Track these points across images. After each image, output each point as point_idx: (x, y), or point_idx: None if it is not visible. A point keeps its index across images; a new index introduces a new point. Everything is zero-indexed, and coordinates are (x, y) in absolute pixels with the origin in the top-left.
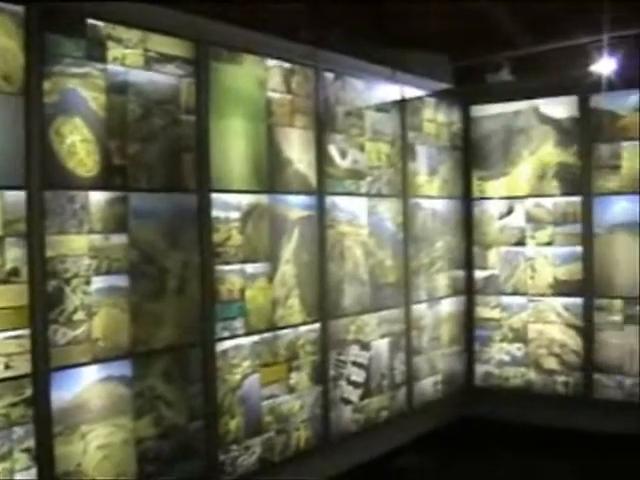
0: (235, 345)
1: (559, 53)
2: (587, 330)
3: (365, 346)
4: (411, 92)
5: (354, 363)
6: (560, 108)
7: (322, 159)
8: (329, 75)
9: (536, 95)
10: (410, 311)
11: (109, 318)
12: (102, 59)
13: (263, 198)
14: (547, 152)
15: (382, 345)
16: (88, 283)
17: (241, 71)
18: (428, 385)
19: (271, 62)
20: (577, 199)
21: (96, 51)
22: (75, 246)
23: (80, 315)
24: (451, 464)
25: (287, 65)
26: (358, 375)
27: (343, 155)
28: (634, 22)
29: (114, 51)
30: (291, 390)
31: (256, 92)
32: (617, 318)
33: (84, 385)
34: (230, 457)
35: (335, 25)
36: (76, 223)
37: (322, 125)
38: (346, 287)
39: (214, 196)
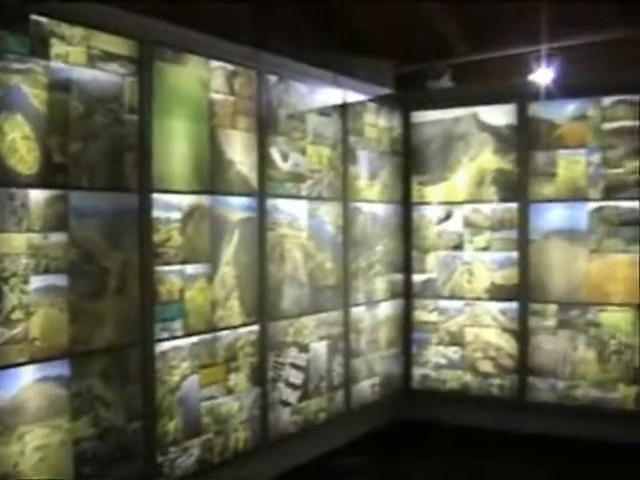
0: (174, 346)
1: (499, 62)
2: (522, 334)
3: (303, 348)
4: (353, 97)
5: (292, 365)
6: (499, 116)
7: (264, 161)
8: (272, 78)
9: (476, 102)
10: (349, 314)
11: (47, 318)
12: (45, 56)
13: (204, 199)
14: (485, 159)
15: (320, 347)
16: (26, 282)
17: (185, 71)
18: (366, 387)
19: (214, 63)
20: (514, 205)
21: (39, 48)
22: (14, 245)
23: (18, 314)
24: (388, 466)
25: (230, 67)
26: (296, 377)
27: (285, 158)
28: (571, 34)
29: (57, 48)
30: (230, 391)
31: (199, 93)
32: (551, 323)
33: (21, 385)
34: (168, 459)
35: (279, 28)
36: (15, 221)
37: (264, 127)
38: (285, 289)
39: (155, 196)
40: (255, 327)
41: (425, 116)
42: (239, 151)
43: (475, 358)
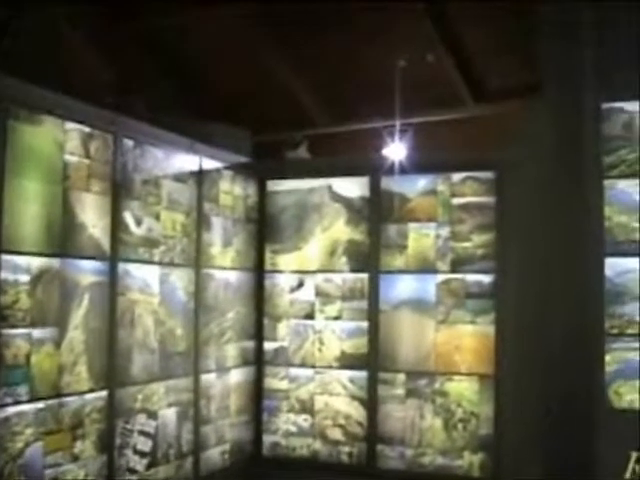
0: (18, 411)
1: (354, 135)
2: (371, 402)
3: (152, 415)
4: (209, 164)
5: (141, 432)
6: (352, 188)
7: (117, 225)
8: (129, 142)
9: (330, 174)
10: (199, 380)
11: None
12: None
13: (54, 262)
14: (338, 229)
15: (169, 414)
16: None
17: (39, 132)
18: (216, 454)
19: (70, 125)
20: (365, 276)
21: None
22: None
23: None
24: None
25: (87, 129)
26: (144, 444)
27: (138, 223)
28: (424, 111)
29: None
30: (75, 459)
31: (53, 154)
32: (399, 391)
33: None
34: None
35: (138, 92)
36: None
37: (119, 192)
38: (135, 355)
39: (4, 257)
40: (103, 393)
41: (281, 185)
42: (92, 214)
43: (325, 426)
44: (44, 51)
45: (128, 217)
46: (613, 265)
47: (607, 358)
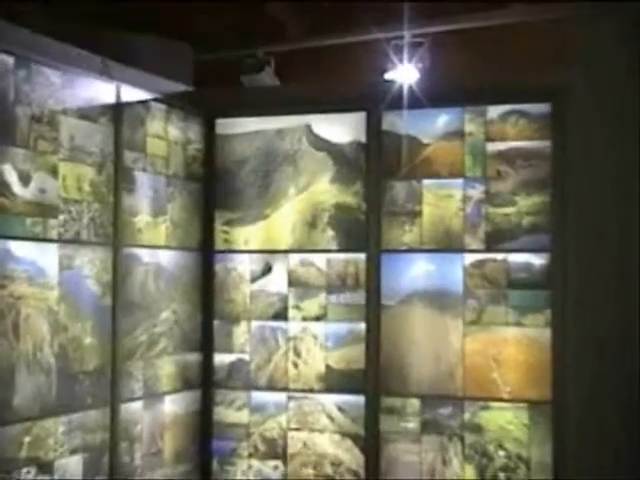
0: None
1: (343, 52)
2: (370, 441)
3: (45, 467)
4: (132, 94)
5: None
6: (341, 129)
7: None
8: (8, 59)
9: (309, 109)
10: (118, 413)
11: None
12: None
13: None
14: (321, 190)
15: (72, 465)
16: None
17: None
18: None
19: None
20: (360, 256)
21: None
22: None
23: None
24: None
25: None
26: None
27: (25, 180)
28: (445, 16)
29: None
30: None
31: None
32: (412, 425)
33: None
34: None
35: None
36: None
37: None
38: (20, 377)
39: None
40: None
41: (237, 125)
42: None
43: (303, 476)
44: None
45: (9, 172)
46: None
47: None
